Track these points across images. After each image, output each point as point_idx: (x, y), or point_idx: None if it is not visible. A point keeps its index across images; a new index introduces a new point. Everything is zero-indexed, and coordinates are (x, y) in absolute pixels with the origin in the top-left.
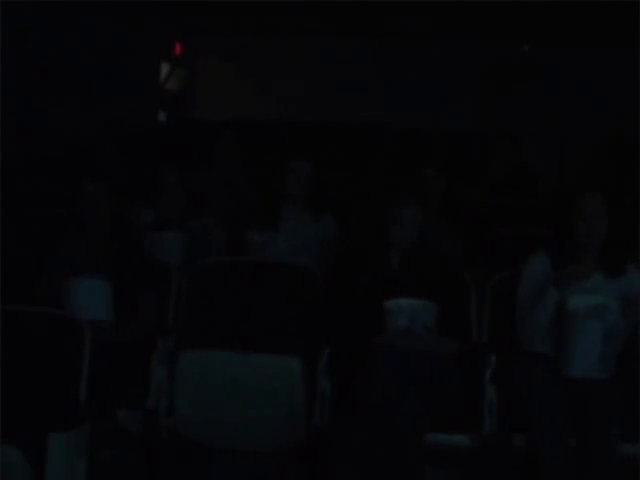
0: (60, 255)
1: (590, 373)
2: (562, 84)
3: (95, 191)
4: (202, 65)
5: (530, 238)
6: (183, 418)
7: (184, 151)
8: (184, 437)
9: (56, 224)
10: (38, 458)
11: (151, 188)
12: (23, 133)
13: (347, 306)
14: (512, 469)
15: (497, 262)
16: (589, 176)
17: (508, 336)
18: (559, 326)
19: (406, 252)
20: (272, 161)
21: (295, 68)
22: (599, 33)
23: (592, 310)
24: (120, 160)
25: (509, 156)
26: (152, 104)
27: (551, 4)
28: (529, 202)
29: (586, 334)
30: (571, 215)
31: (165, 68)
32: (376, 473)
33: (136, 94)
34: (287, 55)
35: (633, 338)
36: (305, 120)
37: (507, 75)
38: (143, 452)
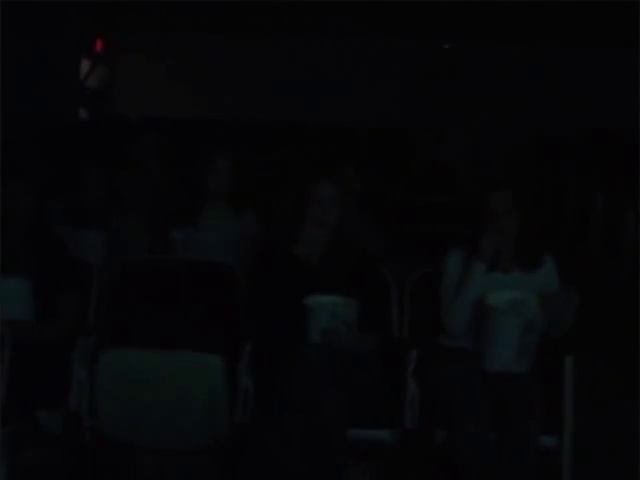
0: None
1: (509, 367)
2: (482, 83)
3: (14, 189)
4: (124, 62)
5: (449, 235)
6: (105, 418)
7: (105, 149)
8: (106, 437)
9: None
10: None
11: (71, 186)
12: None
13: (268, 303)
14: (433, 464)
15: (417, 259)
16: (505, 173)
17: (429, 332)
18: (479, 321)
19: (327, 248)
20: (195, 159)
21: (219, 67)
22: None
23: (510, 305)
24: (40, 157)
25: (429, 153)
26: (72, 101)
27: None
28: (448, 199)
29: (505, 329)
30: (483, 211)
31: (86, 65)
32: (297, 470)
33: (56, 91)
34: (211, 54)
35: (551, 332)
36: (229, 119)
37: (429, 74)
38: (65, 453)
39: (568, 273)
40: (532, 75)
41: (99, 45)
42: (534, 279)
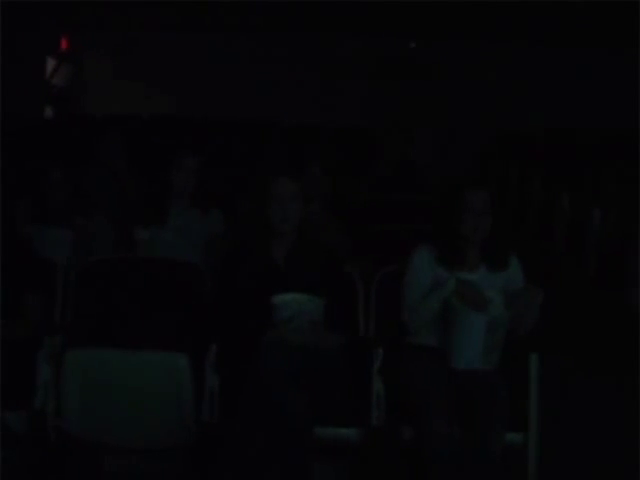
0: None
1: (475, 364)
2: (451, 82)
3: None
4: (90, 61)
5: (415, 232)
6: (71, 418)
7: (70, 147)
8: (73, 437)
9: None
10: None
11: (37, 185)
12: None
13: (234, 302)
14: (400, 462)
15: (383, 256)
16: (476, 172)
17: (395, 329)
18: (445, 319)
19: (292, 247)
20: (160, 158)
21: (185, 65)
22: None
23: None
24: (5, 156)
25: (397, 152)
26: (38, 99)
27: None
28: (415, 197)
29: (470, 327)
30: (458, 210)
31: (51, 64)
32: (264, 470)
33: (21, 89)
34: (177, 52)
35: (516, 330)
36: (195, 117)
37: (396, 73)
38: (30, 453)
39: (533, 272)
40: (500, 74)
41: (64, 44)
42: (499, 278)
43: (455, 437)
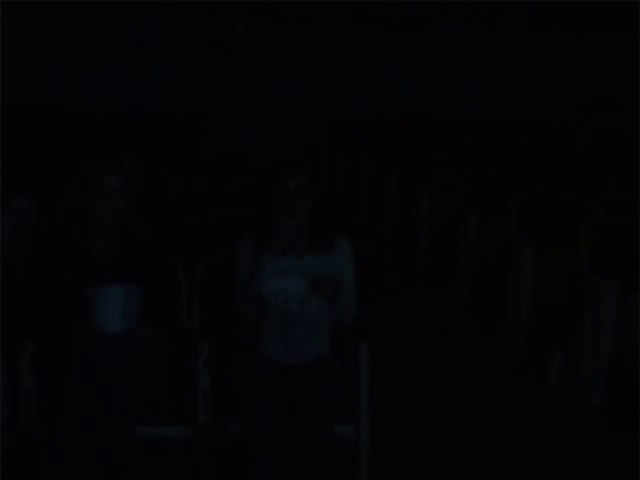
0: None
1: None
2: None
3: None
4: None
5: (239, 219)
6: None
7: None
8: None
9: None
10: None
11: None
12: None
13: (48, 296)
14: (228, 457)
15: (208, 246)
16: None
17: (220, 321)
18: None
19: (110, 236)
20: None
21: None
22: None
23: (274, 294)
24: None
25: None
26: None
27: None
28: (239, 184)
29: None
30: (275, 194)
31: None
32: (87, 471)
33: None
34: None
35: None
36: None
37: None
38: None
39: (364, 256)
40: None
41: None
42: (327, 263)
43: (281, 431)
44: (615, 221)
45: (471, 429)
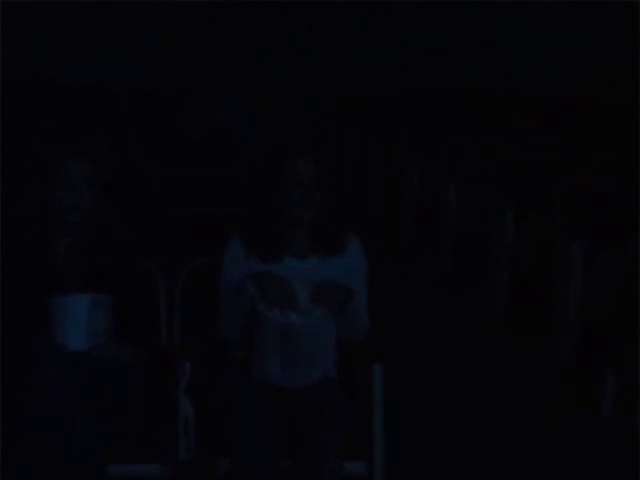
0: None
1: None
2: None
3: None
4: None
5: (229, 215)
6: None
7: None
8: None
9: None
10: None
11: None
12: None
13: (5, 303)
14: None
15: (190, 245)
16: (300, 139)
17: (206, 338)
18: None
19: (74, 235)
20: None
21: None
22: None
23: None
24: None
25: (205, 121)
26: None
27: None
28: (231, 173)
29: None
30: (280, 184)
31: None
32: None
33: None
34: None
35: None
36: None
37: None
38: None
39: (378, 256)
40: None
41: None
42: (334, 266)
43: (281, 468)
44: None
45: (508, 469)
